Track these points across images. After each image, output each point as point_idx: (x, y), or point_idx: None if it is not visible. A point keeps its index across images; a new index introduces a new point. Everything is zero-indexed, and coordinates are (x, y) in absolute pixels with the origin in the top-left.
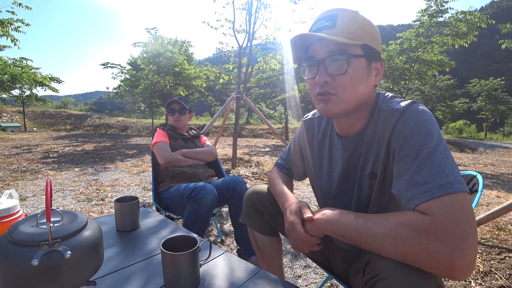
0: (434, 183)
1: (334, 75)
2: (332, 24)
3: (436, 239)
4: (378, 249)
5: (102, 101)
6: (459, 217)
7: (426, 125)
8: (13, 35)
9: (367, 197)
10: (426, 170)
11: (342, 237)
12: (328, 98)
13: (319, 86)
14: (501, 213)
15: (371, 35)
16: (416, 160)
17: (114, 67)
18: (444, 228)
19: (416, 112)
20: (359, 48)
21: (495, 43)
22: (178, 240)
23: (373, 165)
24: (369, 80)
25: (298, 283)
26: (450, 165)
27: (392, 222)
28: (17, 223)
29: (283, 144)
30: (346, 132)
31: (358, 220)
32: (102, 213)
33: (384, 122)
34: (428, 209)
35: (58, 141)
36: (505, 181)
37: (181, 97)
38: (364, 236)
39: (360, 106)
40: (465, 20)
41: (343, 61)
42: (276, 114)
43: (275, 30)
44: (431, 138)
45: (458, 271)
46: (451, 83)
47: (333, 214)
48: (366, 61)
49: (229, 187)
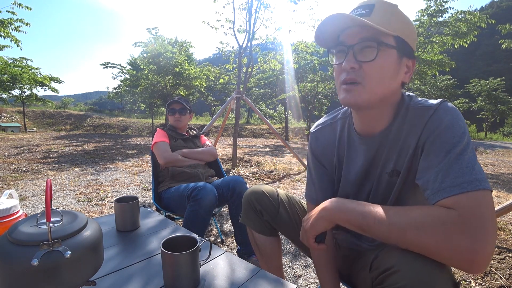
0: (464, 179)
1: (362, 61)
2: (368, 13)
3: (461, 232)
4: (398, 239)
5: (102, 101)
6: (484, 213)
7: (460, 123)
8: (14, 36)
9: (384, 194)
10: (458, 166)
11: (357, 227)
12: (352, 88)
13: (346, 73)
14: (501, 213)
15: (407, 30)
16: (448, 155)
17: (114, 67)
18: (469, 222)
19: (449, 109)
20: (392, 38)
21: (495, 43)
22: (178, 240)
23: (395, 163)
24: (398, 75)
25: (298, 283)
26: (478, 164)
27: (417, 213)
28: (17, 223)
29: (283, 144)
30: (370, 131)
31: (377, 209)
32: (102, 213)
33: (414, 119)
34: (455, 203)
35: (58, 141)
36: (505, 181)
37: (182, 97)
38: (385, 226)
39: (385, 101)
40: (465, 20)
41: (373, 48)
42: (276, 114)
43: (275, 30)
44: (464, 137)
45: (477, 264)
46: (451, 83)
47: (346, 202)
48: (397, 54)
49: (229, 187)
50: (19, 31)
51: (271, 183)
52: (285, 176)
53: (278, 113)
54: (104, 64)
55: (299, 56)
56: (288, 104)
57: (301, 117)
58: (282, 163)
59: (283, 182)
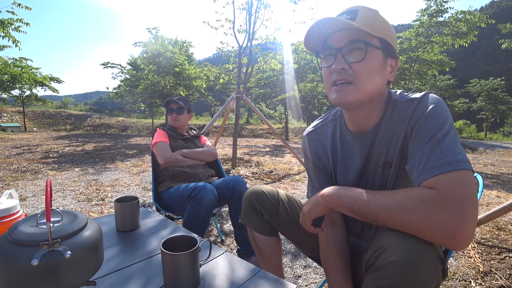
0: (444, 160)
1: (351, 62)
2: (352, 18)
3: (441, 210)
4: (385, 220)
5: (102, 101)
6: (464, 191)
7: (442, 111)
8: (14, 37)
9: (379, 187)
10: (439, 150)
11: (349, 210)
12: (343, 88)
13: (336, 73)
14: (501, 213)
15: (389, 33)
16: (431, 140)
17: (114, 67)
18: (449, 200)
19: (432, 98)
20: (377, 40)
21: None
22: (178, 240)
23: (386, 155)
24: (384, 74)
25: (298, 283)
26: (459, 147)
27: (400, 195)
28: (17, 223)
29: (283, 144)
30: (363, 128)
31: (367, 193)
32: (102, 213)
33: (401, 111)
34: (436, 183)
35: (58, 141)
36: (505, 181)
37: (180, 97)
38: (372, 208)
39: (375, 99)
40: (465, 20)
41: (361, 49)
42: (276, 114)
43: (275, 30)
44: (446, 123)
45: (458, 240)
46: (451, 83)
47: (341, 188)
48: (382, 54)
49: (229, 187)
50: (19, 31)
51: (271, 183)
52: (285, 176)
53: (278, 113)
54: (104, 64)
55: (299, 56)
56: (288, 104)
57: (301, 117)
58: (282, 163)
59: (283, 182)
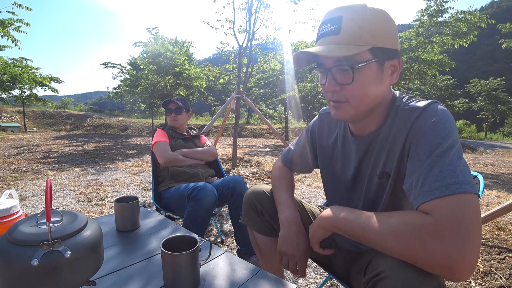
0: (442, 182)
1: (342, 84)
2: (336, 29)
3: (436, 239)
4: (381, 246)
5: (102, 101)
6: (462, 218)
7: (445, 124)
8: (13, 36)
9: (375, 196)
10: (437, 169)
11: (347, 234)
12: (339, 105)
13: (330, 93)
14: (501, 213)
15: (382, 34)
16: (429, 158)
17: (114, 67)
18: (445, 228)
19: (436, 111)
20: (368, 53)
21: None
22: (178, 240)
23: (384, 165)
24: (383, 81)
25: (298, 283)
26: (461, 166)
27: (395, 220)
28: (17, 223)
29: (283, 144)
30: (362, 132)
31: (362, 217)
32: (102, 213)
33: (402, 121)
34: (432, 208)
35: (58, 141)
36: (505, 181)
37: (178, 97)
38: (367, 233)
39: (374, 108)
40: (465, 20)
41: (349, 71)
42: (276, 114)
43: (275, 30)
44: (448, 138)
45: (457, 273)
46: (451, 83)
47: (340, 211)
48: (377, 64)
49: (229, 187)
50: (20, 31)
51: (271, 183)
52: None
53: (278, 113)
54: (104, 64)
55: None
56: (288, 104)
57: (301, 117)
58: None
59: None
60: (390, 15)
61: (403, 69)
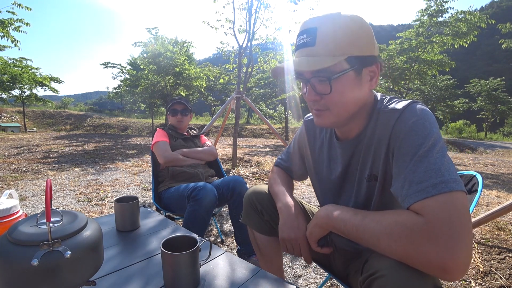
0: (428, 182)
1: (321, 94)
2: (312, 41)
3: (428, 240)
4: (375, 246)
5: (102, 101)
6: (452, 217)
7: (425, 124)
8: (13, 36)
9: (366, 199)
10: (422, 169)
11: (342, 233)
12: (321, 113)
13: (311, 102)
14: (501, 213)
15: (358, 42)
16: (413, 159)
17: (114, 67)
18: (436, 228)
19: (415, 111)
20: (344, 62)
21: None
22: (178, 240)
23: (371, 168)
24: (362, 87)
25: (298, 283)
26: (446, 164)
27: (388, 220)
28: (17, 223)
29: (283, 144)
30: (345, 136)
31: (357, 216)
32: (102, 213)
33: (384, 123)
34: (421, 209)
35: (58, 141)
36: (505, 181)
37: (183, 98)
38: (361, 232)
39: (356, 113)
40: (465, 20)
41: (326, 82)
42: (276, 114)
43: (275, 30)
44: (429, 137)
45: (450, 272)
46: (451, 83)
47: (334, 209)
48: (354, 73)
49: (229, 187)
50: (19, 31)
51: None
52: None
53: (278, 113)
54: (104, 64)
55: None
56: (288, 104)
57: (301, 117)
58: None
59: None
60: (366, 22)
61: (403, 69)
